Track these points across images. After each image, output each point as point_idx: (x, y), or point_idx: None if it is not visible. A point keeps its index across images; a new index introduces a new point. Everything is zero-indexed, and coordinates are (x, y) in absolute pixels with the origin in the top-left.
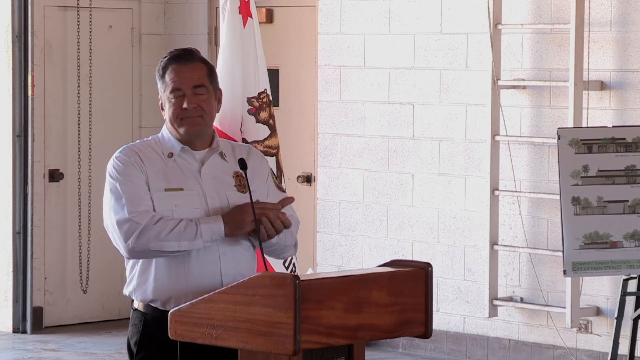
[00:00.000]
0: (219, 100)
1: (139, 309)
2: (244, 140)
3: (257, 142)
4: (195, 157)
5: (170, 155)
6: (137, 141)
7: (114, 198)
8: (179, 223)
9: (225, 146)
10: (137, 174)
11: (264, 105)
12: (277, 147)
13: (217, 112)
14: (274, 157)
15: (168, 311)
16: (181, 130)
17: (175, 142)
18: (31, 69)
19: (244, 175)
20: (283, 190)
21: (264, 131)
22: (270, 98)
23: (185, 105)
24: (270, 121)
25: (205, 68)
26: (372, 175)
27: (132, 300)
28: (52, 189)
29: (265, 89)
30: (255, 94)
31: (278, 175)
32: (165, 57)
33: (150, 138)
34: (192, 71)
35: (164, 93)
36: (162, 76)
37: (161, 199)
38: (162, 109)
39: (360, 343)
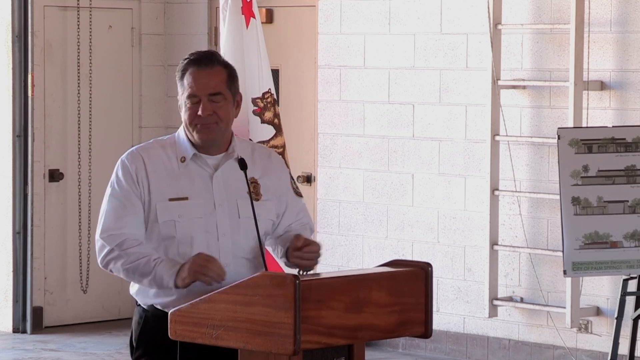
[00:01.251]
0: (238, 105)
1: (141, 305)
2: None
3: (263, 142)
4: (209, 162)
5: (183, 159)
6: (152, 140)
7: (102, 206)
8: (142, 257)
9: (244, 149)
10: (130, 189)
11: (268, 105)
12: (283, 146)
13: (236, 116)
14: (280, 157)
15: (168, 311)
16: (195, 136)
17: (189, 146)
18: (31, 69)
19: (259, 183)
20: (300, 195)
21: (269, 131)
22: (275, 97)
23: (200, 112)
24: (275, 120)
25: (225, 73)
26: (372, 175)
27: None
28: (52, 189)
29: (270, 89)
30: (260, 94)
31: None
32: (185, 59)
33: (167, 137)
34: (210, 77)
35: (181, 96)
36: (181, 78)
37: (164, 209)
38: (180, 110)
39: (360, 343)
